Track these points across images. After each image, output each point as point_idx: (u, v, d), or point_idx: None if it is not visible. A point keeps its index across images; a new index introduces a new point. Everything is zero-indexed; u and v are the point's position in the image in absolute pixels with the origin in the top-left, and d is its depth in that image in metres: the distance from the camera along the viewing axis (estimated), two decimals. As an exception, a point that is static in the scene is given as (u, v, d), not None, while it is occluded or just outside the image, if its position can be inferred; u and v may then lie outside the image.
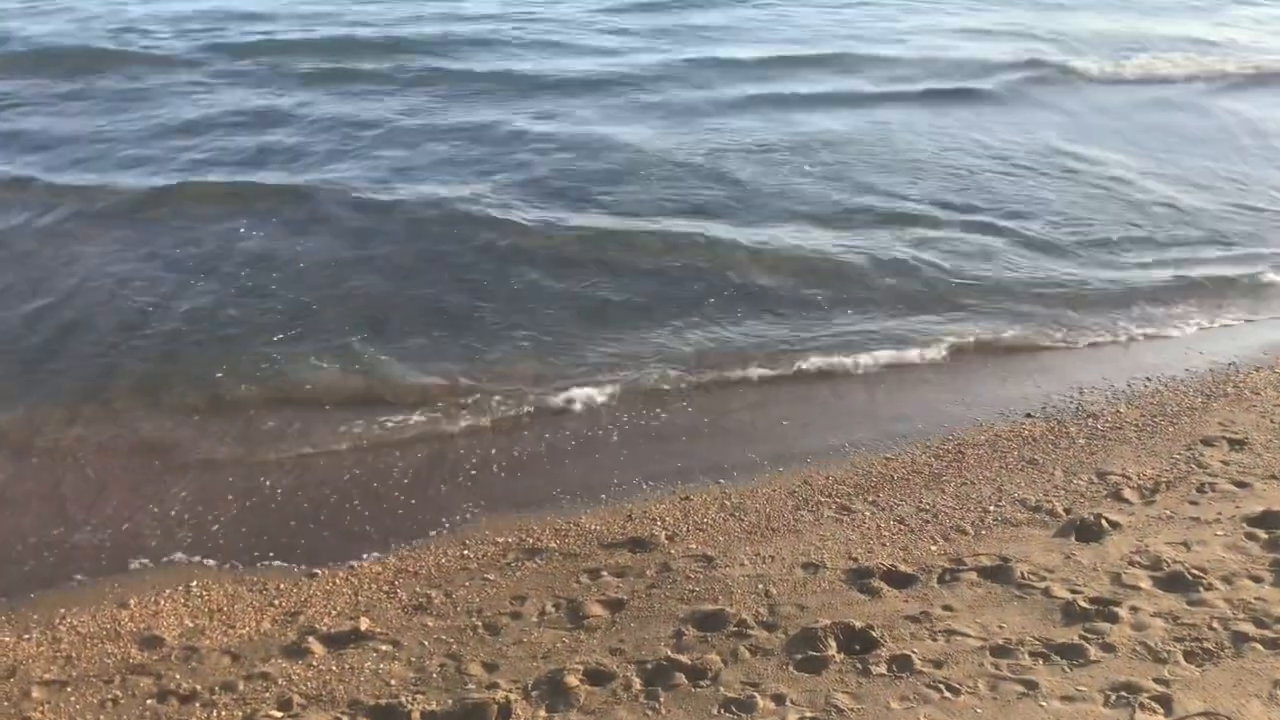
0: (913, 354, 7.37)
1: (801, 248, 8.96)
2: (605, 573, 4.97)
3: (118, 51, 15.28)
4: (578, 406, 6.62)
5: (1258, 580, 4.48)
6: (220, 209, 9.56)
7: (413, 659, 4.31)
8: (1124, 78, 15.48)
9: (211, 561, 5.20)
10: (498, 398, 6.64)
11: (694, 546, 5.19)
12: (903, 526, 5.30)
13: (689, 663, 4.09)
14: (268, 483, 5.83)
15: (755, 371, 7.08)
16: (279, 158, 11.08)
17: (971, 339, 7.58)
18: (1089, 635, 4.11)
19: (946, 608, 4.41)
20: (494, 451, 6.15)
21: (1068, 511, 5.33)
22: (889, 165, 11.22)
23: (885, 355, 7.32)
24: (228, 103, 13.05)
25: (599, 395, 6.71)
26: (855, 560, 4.94)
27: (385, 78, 14.33)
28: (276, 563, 5.20)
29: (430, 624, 4.60)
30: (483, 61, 15.27)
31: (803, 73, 15.17)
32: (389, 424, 6.37)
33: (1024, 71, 15.42)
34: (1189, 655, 3.96)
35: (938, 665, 3.98)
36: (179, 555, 5.24)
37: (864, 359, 7.26)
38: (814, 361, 7.20)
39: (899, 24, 18.92)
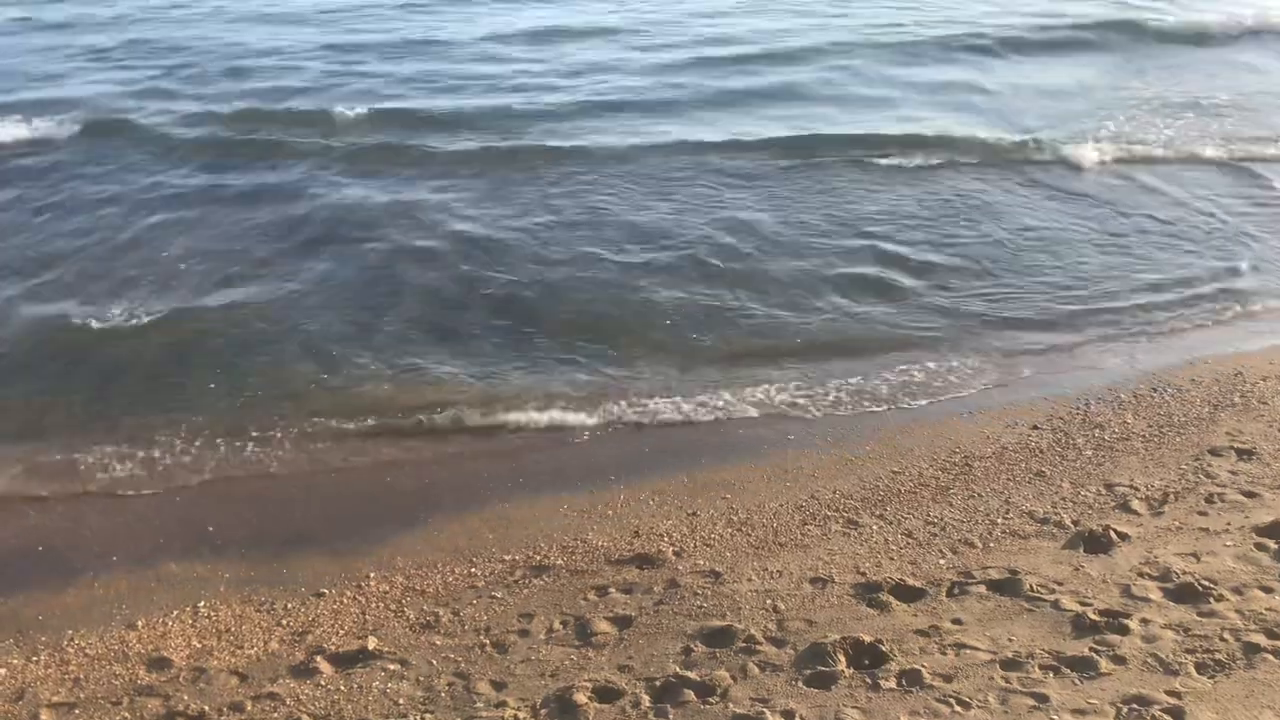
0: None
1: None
2: (613, 589, 4.96)
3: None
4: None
5: (1268, 591, 4.46)
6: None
7: (421, 678, 4.30)
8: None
9: (219, 581, 5.20)
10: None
11: (701, 562, 5.18)
12: (910, 540, 5.29)
13: (698, 679, 4.08)
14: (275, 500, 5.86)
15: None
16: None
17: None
18: (1099, 648, 4.09)
19: (956, 621, 4.40)
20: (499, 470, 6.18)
21: (1076, 523, 5.31)
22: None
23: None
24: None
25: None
26: (863, 574, 4.93)
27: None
28: (284, 582, 5.19)
29: (438, 642, 4.59)
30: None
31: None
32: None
33: None
34: (1200, 667, 3.94)
35: (948, 679, 3.96)
36: (186, 575, 5.25)
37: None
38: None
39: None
